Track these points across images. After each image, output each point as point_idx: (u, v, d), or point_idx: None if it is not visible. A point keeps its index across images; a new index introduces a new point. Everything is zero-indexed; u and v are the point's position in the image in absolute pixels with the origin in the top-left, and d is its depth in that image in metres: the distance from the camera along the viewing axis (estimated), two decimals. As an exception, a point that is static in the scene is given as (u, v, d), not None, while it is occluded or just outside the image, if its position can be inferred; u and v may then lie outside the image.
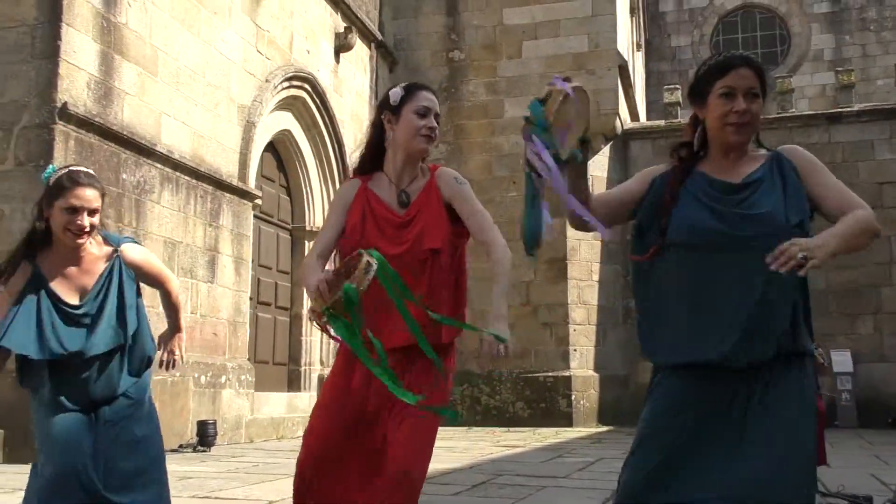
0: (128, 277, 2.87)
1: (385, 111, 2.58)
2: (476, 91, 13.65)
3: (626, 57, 14.10)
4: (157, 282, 3.03)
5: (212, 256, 9.03)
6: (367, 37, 13.11)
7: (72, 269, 2.79)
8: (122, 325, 2.82)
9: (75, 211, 2.71)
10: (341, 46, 12.23)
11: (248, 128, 9.85)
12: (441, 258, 2.54)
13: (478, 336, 2.42)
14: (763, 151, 2.21)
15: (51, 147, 6.95)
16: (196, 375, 8.51)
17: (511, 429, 11.86)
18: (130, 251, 2.91)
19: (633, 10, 17.33)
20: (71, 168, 2.85)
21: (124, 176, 7.73)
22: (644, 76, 20.96)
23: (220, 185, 9.18)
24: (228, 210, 9.37)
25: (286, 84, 10.74)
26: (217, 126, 9.29)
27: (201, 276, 8.83)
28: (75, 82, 7.23)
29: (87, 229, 2.73)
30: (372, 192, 2.57)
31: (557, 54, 13.35)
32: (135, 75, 7.98)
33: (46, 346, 2.70)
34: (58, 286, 2.76)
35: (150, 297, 3.30)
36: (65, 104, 7.02)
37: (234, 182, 9.48)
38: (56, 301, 2.74)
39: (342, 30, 12.25)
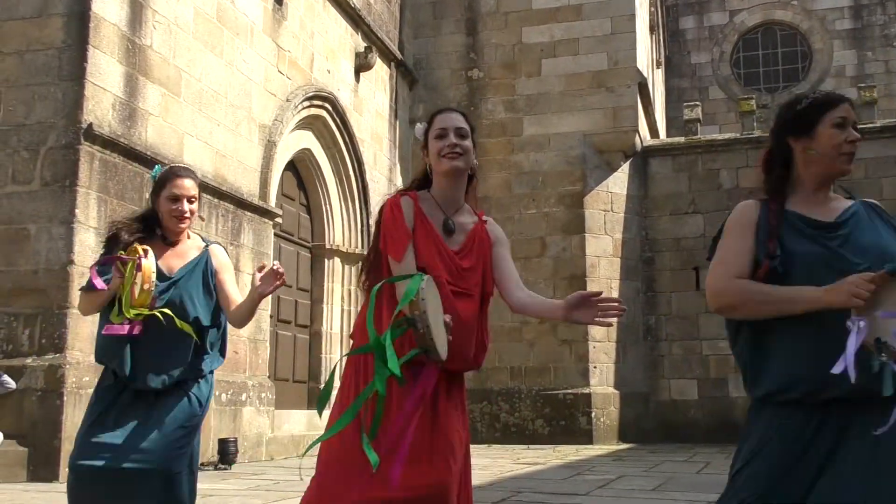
0: (211, 273, 3.16)
1: (422, 151, 2.70)
2: (495, 109, 13.72)
3: (645, 74, 14.12)
4: (226, 297, 3.17)
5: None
6: (387, 56, 13.23)
7: (168, 253, 3.12)
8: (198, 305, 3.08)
9: (177, 199, 3.08)
10: (361, 66, 12.35)
11: (269, 147, 9.96)
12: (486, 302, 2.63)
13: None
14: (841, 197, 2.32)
15: (76, 167, 7.06)
16: (217, 393, 8.56)
17: (531, 446, 11.82)
18: (219, 251, 3.26)
19: (652, 28, 17.37)
20: (172, 164, 3.26)
21: (148, 195, 7.82)
22: (664, 93, 20.95)
23: (241, 203, 9.28)
24: (249, 228, 9.46)
25: (307, 103, 10.85)
26: (238, 145, 9.40)
27: (223, 294, 8.89)
28: (101, 103, 7.36)
29: (188, 214, 3.10)
30: (426, 215, 2.58)
31: (576, 72, 13.40)
32: (158, 96, 8.11)
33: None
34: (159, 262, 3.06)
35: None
36: (90, 125, 7.14)
37: (255, 201, 9.57)
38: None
39: (362, 49, 12.37)
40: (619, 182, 13.40)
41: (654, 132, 15.48)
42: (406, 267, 2.44)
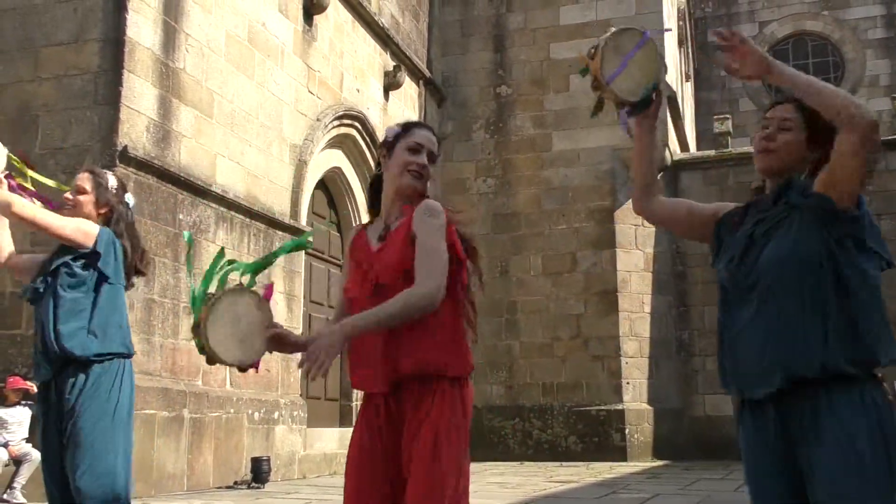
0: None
1: (382, 149, 2.53)
2: (523, 125, 13.73)
3: (674, 87, 14.06)
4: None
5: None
6: (415, 74, 13.31)
7: None
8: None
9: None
10: (390, 84, 12.43)
11: (300, 166, 10.05)
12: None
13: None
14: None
15: (112, 189, 7.16)
16: (250, 412, 8.62)
17: (564, 463, 11.73)
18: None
19: (681, 41, 17.30)
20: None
21: (181, 216, 7.93)
22: (693, 106, 20.84)
23: (272, 223, 9.36)
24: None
25: (336, 122, 10.94)
26: (270, 165, 9.50)
27: (255, 313, 8.96)
28: (135, 126, 7.48)
29: (71, 203, 3.34)
30: (365, 234, 2.51)
31: (605, 87, 13.35)
32: (192, 118, 8.22)
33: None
34: None
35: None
36: (125, 147, 7.25)
37: (287, 220, 9.65)
38: None
39: (391, 68, 12.46)
40: (649, 196, 13.30)
41: (684, 146, 15.38)
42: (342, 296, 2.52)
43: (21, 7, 7.76)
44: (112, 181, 3.44)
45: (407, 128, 2.53)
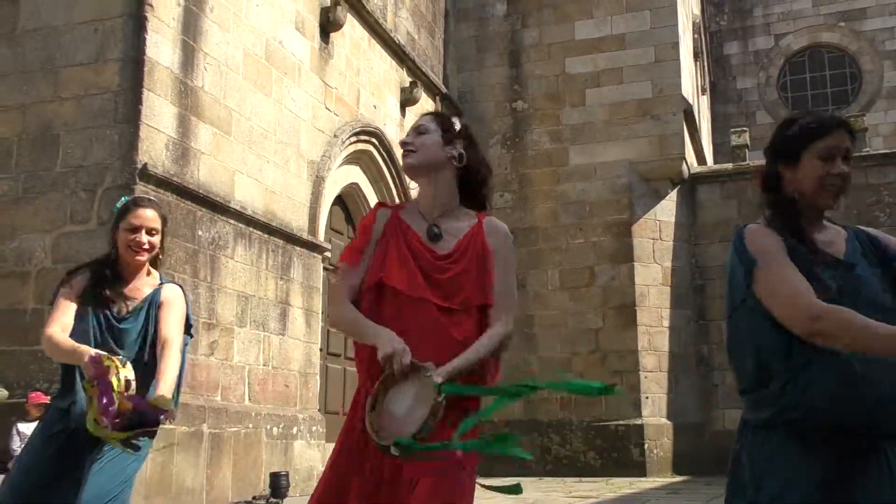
0: (155, 310, 3.00)
1: (461, 139, 2.49)
2: (540, 140, 13.75)
3: (690, 101, 14.05)
4: (162, 331, 2.96)
5: (283, 309, 9.22)
6: (431, 90, 13.37)
7: (126, 286, 3.02)
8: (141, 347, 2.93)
9: (136, 230, 2.98)
10: (407, 100, 12.50)
11: (318, 182, 10.11)
12: (469, 311, 2.28)
13: None
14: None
15: (131, 206, 7.24)
16: (268, 427, 8.64)
17: (583, 479, 11.66)
18: (171, 290, 3.08)
19: (696, 55, 17.29)
20: (136, 195, 3.18)
21: (200, 232, 8.00)
22: (710, 119, 20.79)
23: (290, 238, 9.42)
24: (299, 263, 9.58)
25: (354, 139, 11.01)
26: (287, 182, 9.56)
27: (273, 329, 9.02)
28: (154, 144, 7.56)
29: (146, 247, 3.00)
30: (405, 223, 2.37)
31: (621, 101, 13.39)
32: (210, 135, 8.30)
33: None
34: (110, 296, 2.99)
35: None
36: (145, 165, 7.33)
37: (305, 236, 9.70)
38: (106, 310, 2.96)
39: (407, 84, 12.53)
40: (666, 210, 13.29)
41: (701, 159, 15.35)
42: (353, 276, 2.30)
43: (42, 28, 7.89)
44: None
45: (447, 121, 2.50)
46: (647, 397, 12.51)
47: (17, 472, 2.99)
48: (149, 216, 3.01)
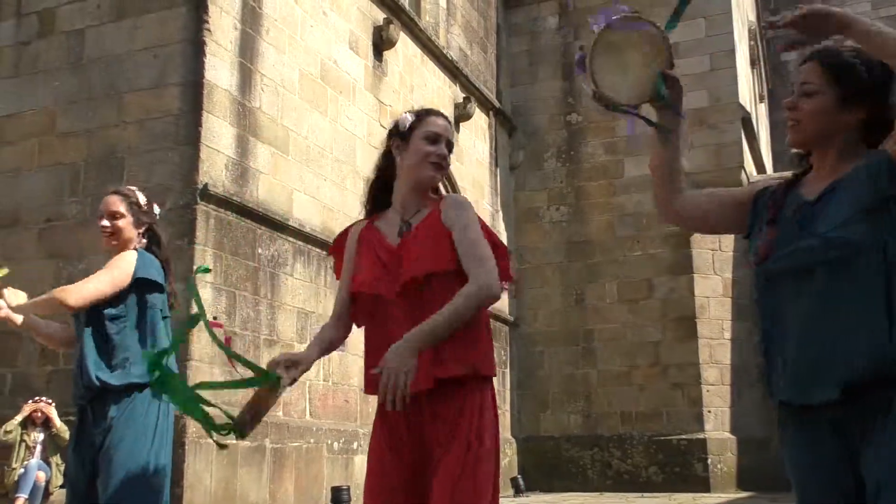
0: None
1: (394, 138, 2.40)
2: (595, 152, 13.67)
3: (748, 109, 13.83)
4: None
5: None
6: (485, 105, 13.41)
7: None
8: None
9: (101, 217, 3.31)
10: (461, 116, 12.55)
11: (374, 199, 10.19)
12: (440, 288, 2.20)
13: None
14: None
15: (193, 226, 7.41)
16: (329, 442, 8.71)
17: (644, 494, 11.47)
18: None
19: (753, 62, 17.02)
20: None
21: (260, 250, 8.14)
22: (768, 127, 20.41)
23: (348, 255, 9.50)
24: (356, 279, 9.66)
25: (408, 155, 11.09)
26: (344, 199, 9.67)
27: (332, 344, 9.09)
28: (214, 164, 7.73)
29: (109, 230, 3.21)
30: (376, 229, 2.37)
31: (677, 111, 13.22)
32: (268, 155, 8.45)
33: None
34: None
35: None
36: (205, 185, 7.49)
37: (362, 252, 9.79)
38: None
39: (461, 100, 12.59)
40: (726, 220, 13.06)
41: (760, 167, 15.07)
42: (342, 289, 2.43)
43: (105, 56, 8.14)
44: (142, 198, 3.28)
45: (420, 116, 2.40)
46: (709, 411, 12.27)
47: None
48: (110, 201, 3.21)
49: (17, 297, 3.13)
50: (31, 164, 8.23)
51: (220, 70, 7.88)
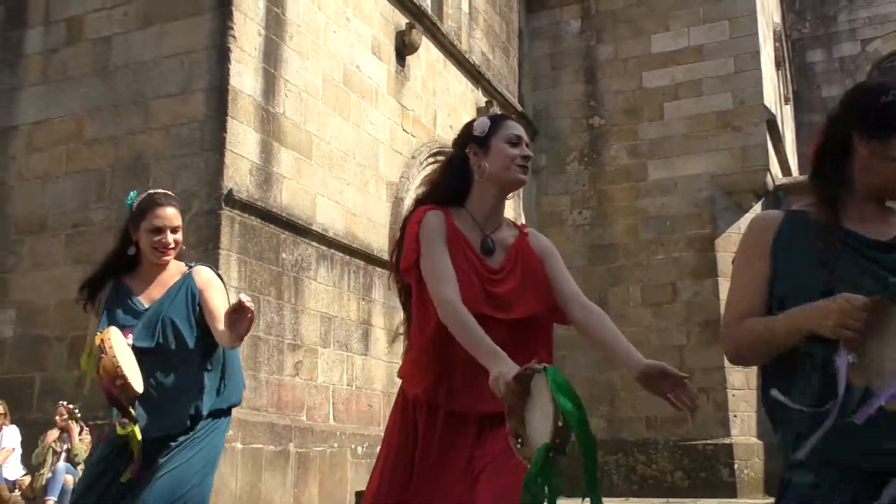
0: (194, 293, 2.90)
1: (470, 144, 2.34)
2: (618, 155, 13.61)
3: (773, 111, 13.71)
4: (210, 314, 2.84)
5: (365, 329, 9.33)
6: (507, 109, 13.40)
7: (151, 284, 2.93)
8: (181, 331, 2.83)
9: (159, 231, 2.87)
10: (483, 120, 12.54)
11: (397, 203, 10.22)
12: (545, 326, 2.27)
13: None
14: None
15: (218, 231, 7.47)
16: (353, 447, 8.73)
17: (670, 500, 11.39)
18: (203, 270, 2.97)
19: (778, 64, 16.88)
20: (150, 191, 3.03)
21: (283, 255, 8.18)
22: (794, 129, 20.23)
23: (371, 259, 9.53)
24: (380, 284, 9.69)
25: (431, 160, 11.10)
26: (367, 203, 9.70)
27: (356, 349, 9.13)
28: (239, 170, 7.78)
29: (172, 246, 2.90)
30: (458, 229, 2.26)
31: (701, 113, 13.16)
32: (292, 160, 8.50)
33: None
34: (137, 295, 2.92)
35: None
36: (230, 191, 7.55)
37: (384, 256, 9.80)
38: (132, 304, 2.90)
39: (483, 104, 12.59)
40: (751, 223, 12.95)
41: (785, 170, 14.94)
42: (449, 283, 2.13)
43: (132, 64, 8.23)
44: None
45: (496, 120, 2.37)
46: (735, 416, 12.16)
47: None
48: (170, 215, 2.90)
49: None
50: (59, 171, 8.33)
51: (244, 76, 7.94)
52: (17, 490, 7.51)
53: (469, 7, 12.57)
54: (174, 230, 2.90)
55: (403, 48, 10.67)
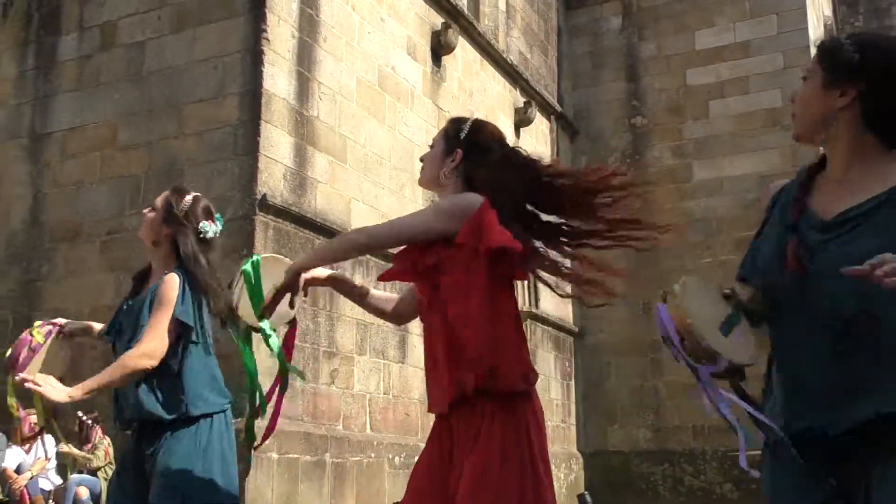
0: (151, 302, 2.97)
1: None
2: (662, 156, 13.25)
3: (824, 108, 13.25)
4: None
5: (402, 336, 9.13)
6: (546, 110, 13.13)
7: (150, 284, 3.07)
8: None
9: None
10: (521, 121, 12.29)
11: (434, 207, 10.02)
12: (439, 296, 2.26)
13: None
14: None
15: (252, 237, 7.32)
16: (390, 457, 8.53)
17: (719, 512, 11.02)
18: (164, 280, 2.95)
19: (827, 59, 16.36)
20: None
21: (318, 261, 8.00)
22: (844, 127, 19.64)
23: (408, 264, 9.33)
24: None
25: (469, 162, 10.89)
26: (403, 207, 9.49)
27: (392, 357, 8.93)
28: (273, 175, 7.63)
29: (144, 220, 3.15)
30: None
31: (748, 111, 12.74)
32: (326, 164, 8.34)
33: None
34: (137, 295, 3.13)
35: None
36: (264, 196, 7.40)
37: (422, 261, 9.61)
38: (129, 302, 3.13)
39: (521, 105, 12.33)
40: (801, 224, 12.53)
41: (837, 169, 14.45)
42: None
43: (166, 69, 8.14)
44: (185, 204, 3.06)
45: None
46: (786, 424, 11.73)
47: None
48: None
49: None
50: (93, 177, 8.27)
51: (277, 79, 7.80)
52: (51, 501, 7.43)
53: (506, 5, 12.33)
54: (150, 209, 3.13)
55: (439, 48, 10.46)
